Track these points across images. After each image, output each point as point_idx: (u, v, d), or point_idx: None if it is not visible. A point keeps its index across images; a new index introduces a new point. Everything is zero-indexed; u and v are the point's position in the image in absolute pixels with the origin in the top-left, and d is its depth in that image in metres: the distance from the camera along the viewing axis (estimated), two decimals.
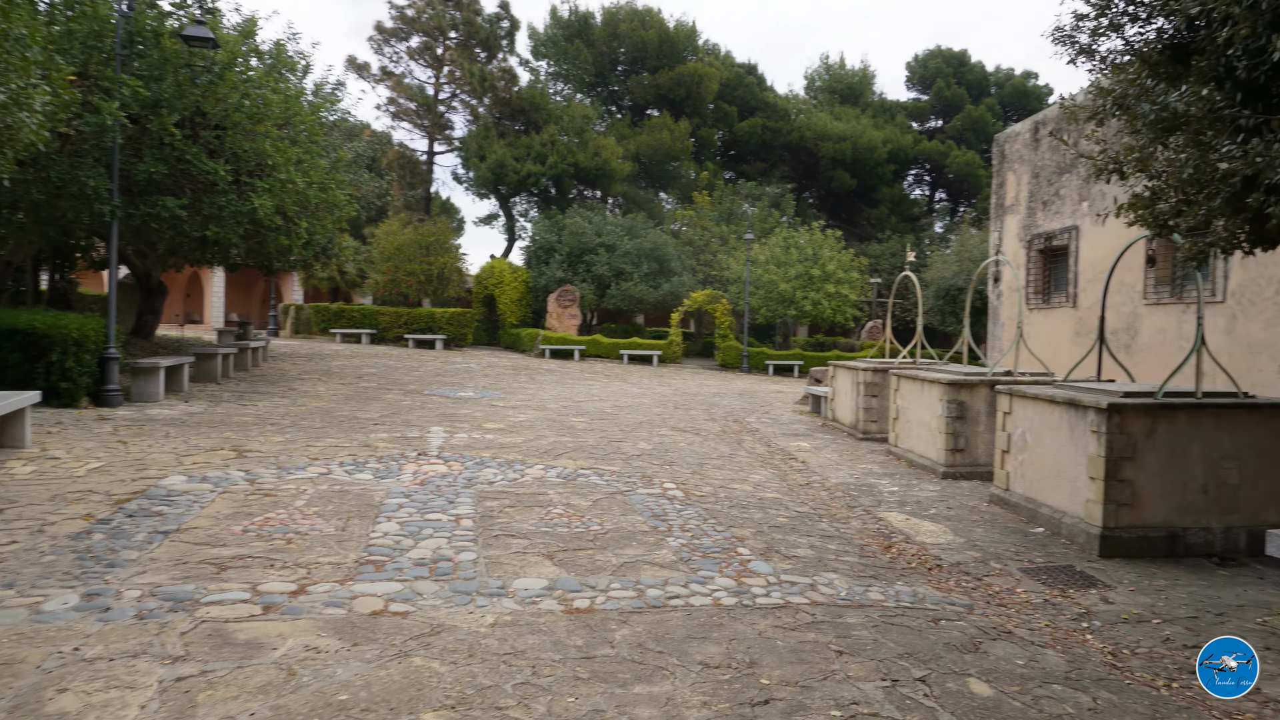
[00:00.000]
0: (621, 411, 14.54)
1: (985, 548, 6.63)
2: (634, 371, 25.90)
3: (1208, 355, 7.03)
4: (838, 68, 51.82)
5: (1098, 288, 15.05)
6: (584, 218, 33.77)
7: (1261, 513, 6.75)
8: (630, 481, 8.24)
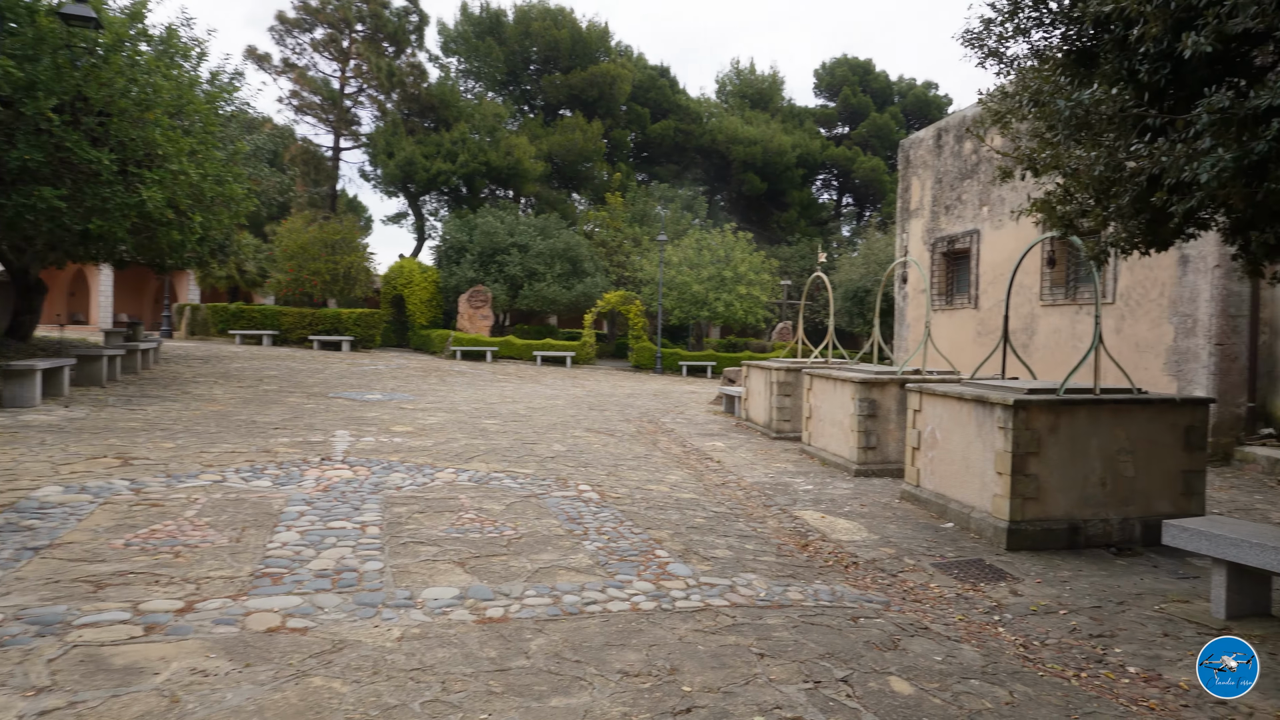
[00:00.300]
0: (535, 413, 14.30)
1: (899, 544, 6.70)
2: (547, 373, 25.62)
3: (1105, 354, 7.28)
4: (748, 73, 52.60)
5: (998, 289, 15.59)
6: (496, 217, 33.29)
7: (1154, 503, 7.02)
8: (545, 484, 8.05)
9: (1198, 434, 7.10)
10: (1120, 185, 3.63)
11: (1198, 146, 3.26)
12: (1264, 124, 3.35)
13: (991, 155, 15.75)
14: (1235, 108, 3.22)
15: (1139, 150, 3.46)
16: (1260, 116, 3.13)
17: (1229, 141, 3.17)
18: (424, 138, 35.72)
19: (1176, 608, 5.40)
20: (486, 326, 31.17)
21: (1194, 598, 5.62)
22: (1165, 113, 3.49)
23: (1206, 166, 3.11)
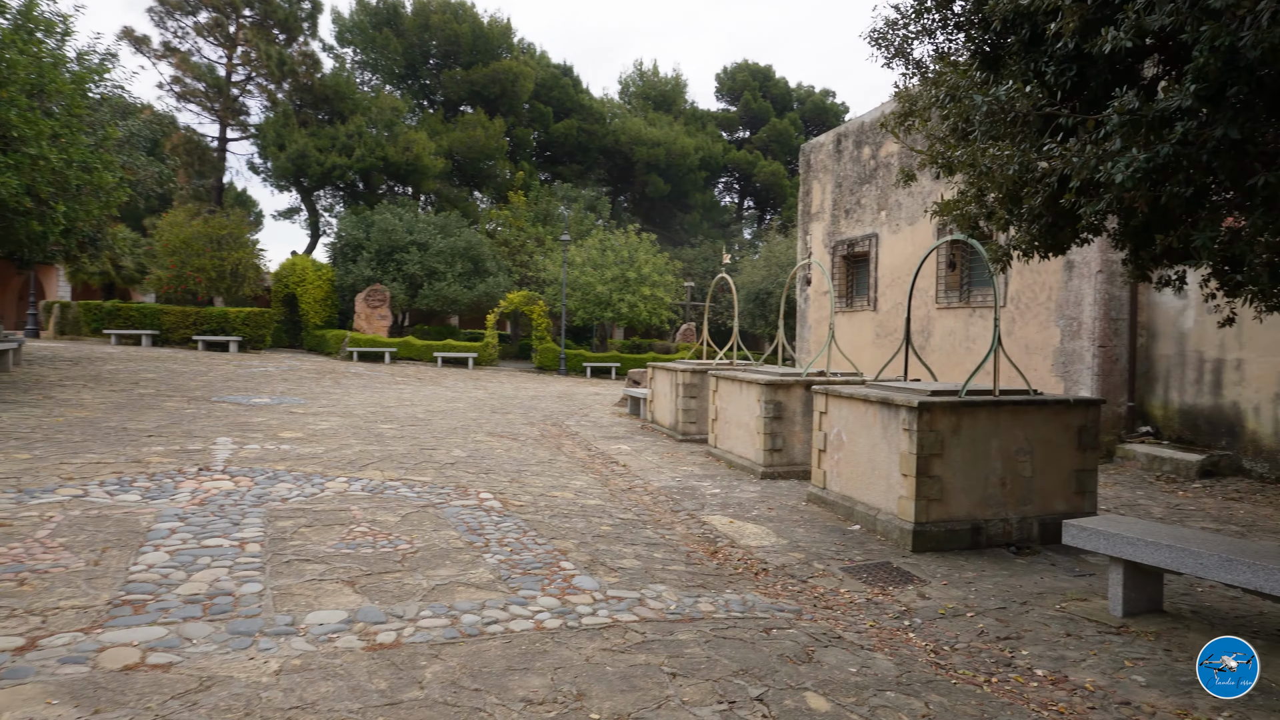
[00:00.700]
0: (434, 417, 13.79)
1: (808, 548, 6.63)
2: (448, 375, 24.95)
3: (1004, 356, 7.41)
4: (651, 75, 52.76)
5: (896, 291, 15.94)
6: (394, 214, 32.28)
7: (1050, 502, 7.18)
8: (444, 493, 7.67)
9: (1090, 434, 7.30)
10: (1031, 186, 3.60)
11: (1108, 147, 3.24)
12: (1169, 127, 3.35)
13: (890, 160, 16.10)
14: (1144, 109, 3.21)
15: (1051, 150, 3.42)
16: (1167, 119, 3.13)
17: (1138, 143, 3.16)
18: (318, 130, 34.33)
19: (1076, 606, 5.47)
20: (384, 327, 30.18)
21: (1091, 595, 5.72)
22: (1077, 112, 3.46)
23: (1121, 167, 3.09)
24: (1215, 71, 3.04)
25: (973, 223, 4.90)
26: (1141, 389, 11.69)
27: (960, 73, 3.68)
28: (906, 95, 6.74)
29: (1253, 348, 10.26)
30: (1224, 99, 3.09)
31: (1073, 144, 3.35)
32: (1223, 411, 10.62)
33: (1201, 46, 3.04)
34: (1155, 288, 6.32)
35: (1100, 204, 3.42)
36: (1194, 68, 3.06)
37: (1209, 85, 3.04)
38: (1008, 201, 3.84)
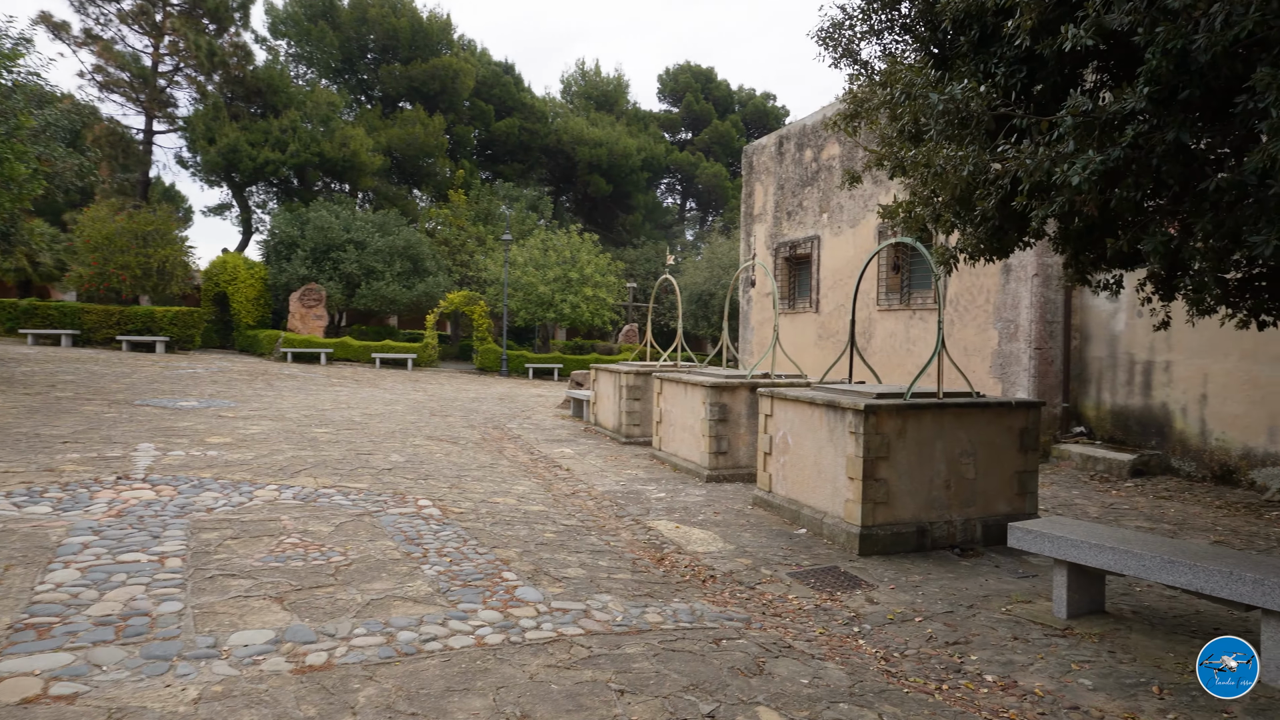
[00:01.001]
0: (372, 420, 13.41)
1: (755, 553, 6.54)
2: (386, 376, 24.39)
3: (947, 358, 7.43)
4: (594, 74, 52.53)
5: (838, 293, 16.05)
6: (331, 212, 31.49)
7: (993, 503, 7.23)
8: (380, 500, 7.39)
9: (1031, 435, 7.37)
10: (984, 188, 3.55)
11: (1061, 150, 3.20)
12: (1120, 130, 3.32)
13: (832, 163, 16.21)
14: (1097, 111, 3.17)
15: (1005, 151, 3.37)
16: (1120, 122, 3.10)
17: (1091, 145, 3.13)
18: (250, 124, 33.29)
19: (1022, 608, 5.48)
20: (320, 327, 29.41)
21: (1035, 597, 5.75)
22: (1031, 113, 3.42)
23: (1078, 169, 3.05)
24: (1167, 74, 3.02)
25: (921, 225, 4.86)
26: (1075, 390, 11.94)
27: (915, 70, 3.61)
28: (853, 96, 6.71)
29: (1181, 350, 10.54)
30: (1175, 102, 3.07)
31: (1026, 145, 3.31)
32: (1152, 412, 10.89)
33: (1154, 49, 3.02)
34: (1093, 291, 6.39)
35: (1052, 207, 3.39)
36: (1146, 70, 3.03)
37: (1161, 88, 3.02)
38: (959, 204, 3.79)
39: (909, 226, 5.00)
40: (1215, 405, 10.17)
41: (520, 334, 37.76)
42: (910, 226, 5.02)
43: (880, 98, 3.66)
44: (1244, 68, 2.90)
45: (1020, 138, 3.46)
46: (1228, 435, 10.02)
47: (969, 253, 5.21)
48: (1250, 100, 2.89)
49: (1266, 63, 2.75)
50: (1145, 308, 10.53)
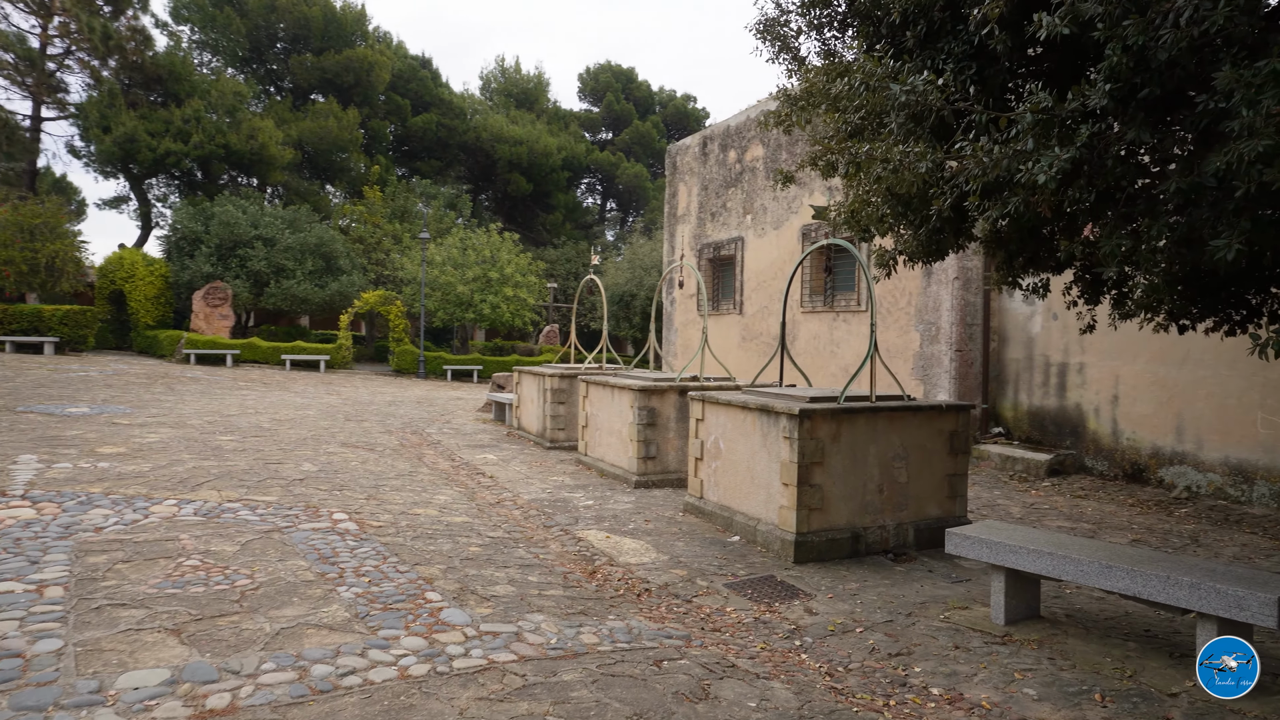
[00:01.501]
0: (282, 426, 12.74)
1: (689, 564, 6.34)
2: (298, 379, 23.43)
3: (880, 362, 7.39)
4: (513, 72, 51.88)
5: (761, 295, 16.07)
6: (237, 207, 30.14)
7: (925, 507, 7.21)
8: (291, 515, 6.91)
9: (961, 438, 7.39)
10: (939, 186, 3.43)
11: (1019, 147, 3.09)
12: (1076, 129, 3.23)
13: (756, 164, 16.20)
14: (1057, 109, 3.07)
15: (963, 149, 3.25)
16: (1084, 119, 3.00)
17: (1051, 144, 3.03)
18: (149, 113, 31.58)
19: (960, 615, 5.43)
20: (226, 327, 28.11)
21: (971, 602, 5.71)
22: (990, 109, 3.30)
23: (1044, 167, 2.94)
24: (1126, 71, 2.93)
25: (864, 226, 4.75)
26: (994, 391, 12.17)
27: (874, 61, 3.47)
28: (786, 95, 6.58)
29: (1093, 353, 10.83)
30: (1135, 100, 2.99)
31: (983, 143, 3.19)
32: (1067, 413, 11.16)
33: (1115, 44, 2.93)
34: (1024, 295, 6.41)
35: (1007, 207, 3.28)
36: (1106, 66, 2.94)
37: (1122, 85, 2.93)
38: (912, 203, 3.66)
39: (852, 228, 4.88)
40: (1126, 406, 10.47)
41: (438, 335, 36.92)
42: (853, 228, 4.91)
43: (838, 88, 3.50)
44: (1203, 66, 2.83)
45: (978, 135, 3.34)
46: (1138, 435, 10.32)
47: (909, 255, 5.12)
48: (1210, 100, 2.83)
49: (1226, 60, 2.69)
50: (1068, 311, 10.79)
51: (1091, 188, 3.20)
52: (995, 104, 3.41)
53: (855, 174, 3.73)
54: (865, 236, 5.02)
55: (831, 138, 3.70)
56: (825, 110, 4.09)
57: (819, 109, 4.38)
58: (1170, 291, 3.33)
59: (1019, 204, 3.24)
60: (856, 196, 4.63)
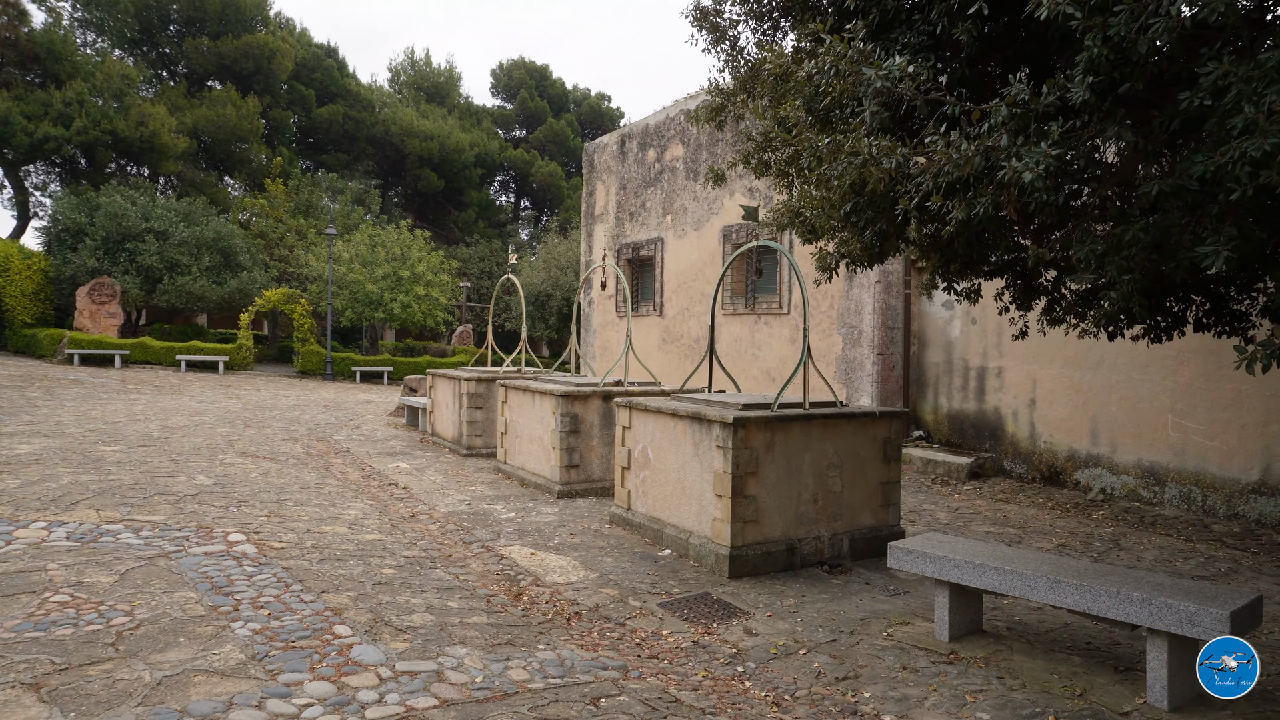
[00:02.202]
0: (174, 434, 11.83)
1: (620, 581, 5.99)
2: (194, 381, 22.10)
3: (813, 367, 7.19)
4: (424, 65, 50.58)
5: (682, 297, 15.85)
6: (126, 197, 28.32)
7: (859, 516, 7.04)
8: (181, 537, 6.26)
9: (894, 445, 7.26)
10: (905, 184, 3.18)
11: (994, 143, 2.86)
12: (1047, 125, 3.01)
13: (676, 164, 15.97)
14: (1033, 103, 2.85)
15: (934, 142, 3.00)
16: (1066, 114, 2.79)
17: (1029, 141, 2.81)
18: (25, 94, 29.40)
19: (903, 632, 5.24)
20: (115, 325, 26.35)
21: (913, 617, 5.53)
22: (964, 100, 3.07)
23: (1030, 164, 2.71)
24: (1106, 65, 2.73)
25: (810, 226, 4.49)
26: (914, 395, 12.22)
27: (844, 43, 3.19)
28: (717, 88, 6.30)
29: (1011, 357, 10.96)
30: (1115, 96, 2.80)
31: (954, 137, 2.95)
32: (986, 416, 11.28)
33: (1094, 36, 2.72)
34: (944, 299, 6.30)
35: (975, 208, 3.05)
36: (1085, 59, 2.74)
37: (1102, 79, 2.73)
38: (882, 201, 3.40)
39: (796, 229, 4.62)
40: (1043, 409, 10.62)
41: (346, 335, 35.58)
42: (798, 229, 4.65)
43: (806, 70, 3.21)
44: (1190, 60, 2.66)
45: (949, 129, 3.11)
46: (1054, 438, 10.48)
47: (852, 259, 4.89)
48: (1194, 96, 2.66)
49: (1221, 54, 2.51)
50: (987, 315, 10.87)
51: (1057, 190, 3.00)
52: (968, 95, 3.19)
53: (815, 168, 3.45)
54: (809, 238, 4.78)
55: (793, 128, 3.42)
56: (789, 97, 3.80)
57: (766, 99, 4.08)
58: (1140, 300, 3.16)
59: (987, 205, 3.02)
60: (802, 195, 4.37)
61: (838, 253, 4.94)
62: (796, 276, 6.91)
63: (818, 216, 4.24)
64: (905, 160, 3.02)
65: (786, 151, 4.15)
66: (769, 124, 4.83)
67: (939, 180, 3.11)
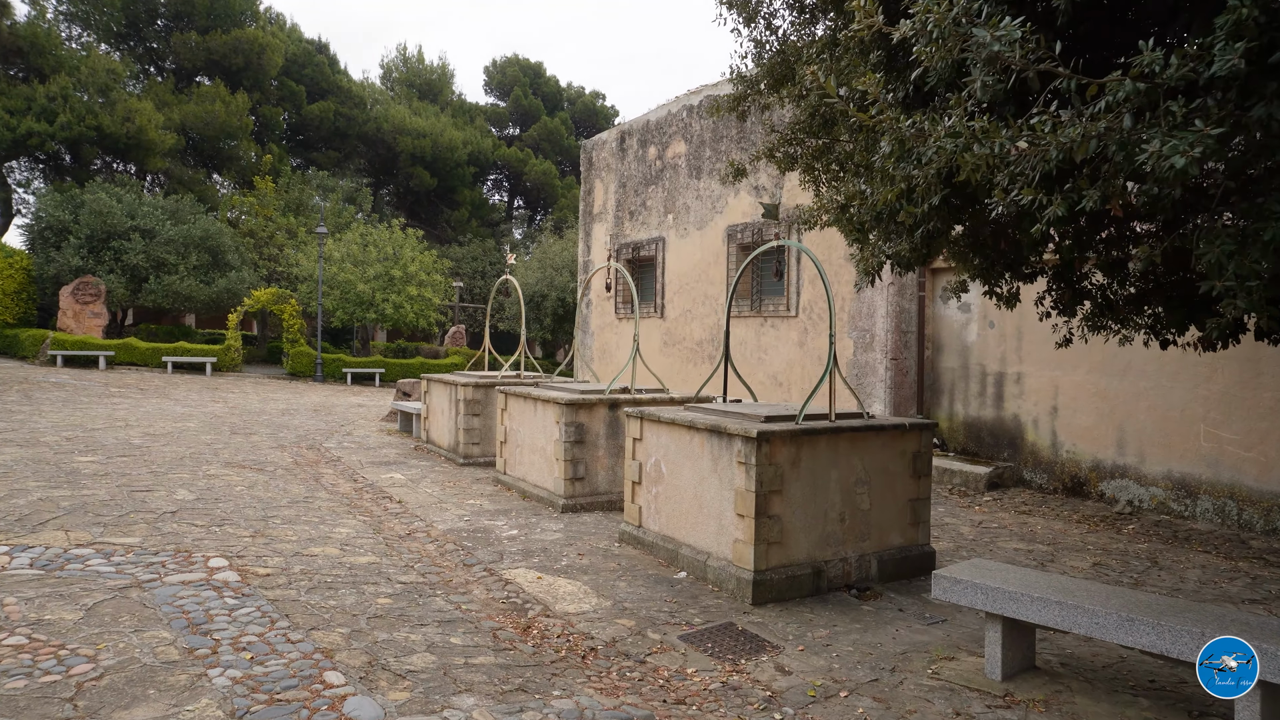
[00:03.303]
0: (156, 442, 11.29)
1: (636, 610, 5.52)
2: (180, 384, 21.52)
3: (839, 376, 6.73)
4: (416, 61, 49.97)
5: (684, 298, 15.38)
6: (112, 195, 27.67)
7: (887, 536, 6.59)
8: (157, 563, 5.75)
9: (924, 460, 6.80)
10: (1001, 171, 2.71)
11: (1116, 124, 2.40)
12: (1173, 101, 2.54)
13: (678, 161, 15.49)
14: (1161, 77, 2.39)
15: (1041, 124, 2.54)
16: (1211, 89, 2.34)
17: (1154, 119, 2.36)
18: (8, 88, 28.72)
19: (949, 669, 4.77)
20: (99, 326, 25.73)
21: (956, 651, 5.08)
22: (1079, 72, 2.60)
23: (1183, 147, 2.25)
24: (1255, 28, 2.28)
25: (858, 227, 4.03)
26: (929, 401, 11.78)
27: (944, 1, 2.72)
28: (740, 77, 5.84)
29: (1031, 362, 10.52)
30: (1267, 66, 2.35)
31: (1065, 117, 2.49)
32: (1005, 424, 10.84)
33: None
34: (998, 304, 5.85)
35: (1082, 202, 2.60)
36: (1229, 22, 2.29)
37: (1254, 45, 2.29)
38: (978, 191, 2.94)
39: (846, 229, 4.15)
40: (1066, 417, 10.19)
41: (337, 335, 34.98)
42: (847, 228, 4.18)
43: (901, 32, 2.73)
44: None
45: (1059, 107, 2.64)
46: (1078, 447, 10.05)
47: (899, 261, 4.42)
48: None
49: None
50: (1005, 319, 10.43)
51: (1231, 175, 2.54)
52: (1083, 68, 2.72)
53: (895, 153, 2.97)
54: (857, 238, 4.31)
55: (871, 104, 2.95)
56: (862, 69, 3.32)
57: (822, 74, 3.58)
58: (1272, 309, 2.70)
59: (1095, 198, 2.56)
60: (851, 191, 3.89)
61: (878, 254, 4.47)
62: (822, 278, 6.45)
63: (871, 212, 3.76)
64: (1010, 142, 2.56)
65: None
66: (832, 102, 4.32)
67: (1036, 169, 2.65)
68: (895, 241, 4.07)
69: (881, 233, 4.13)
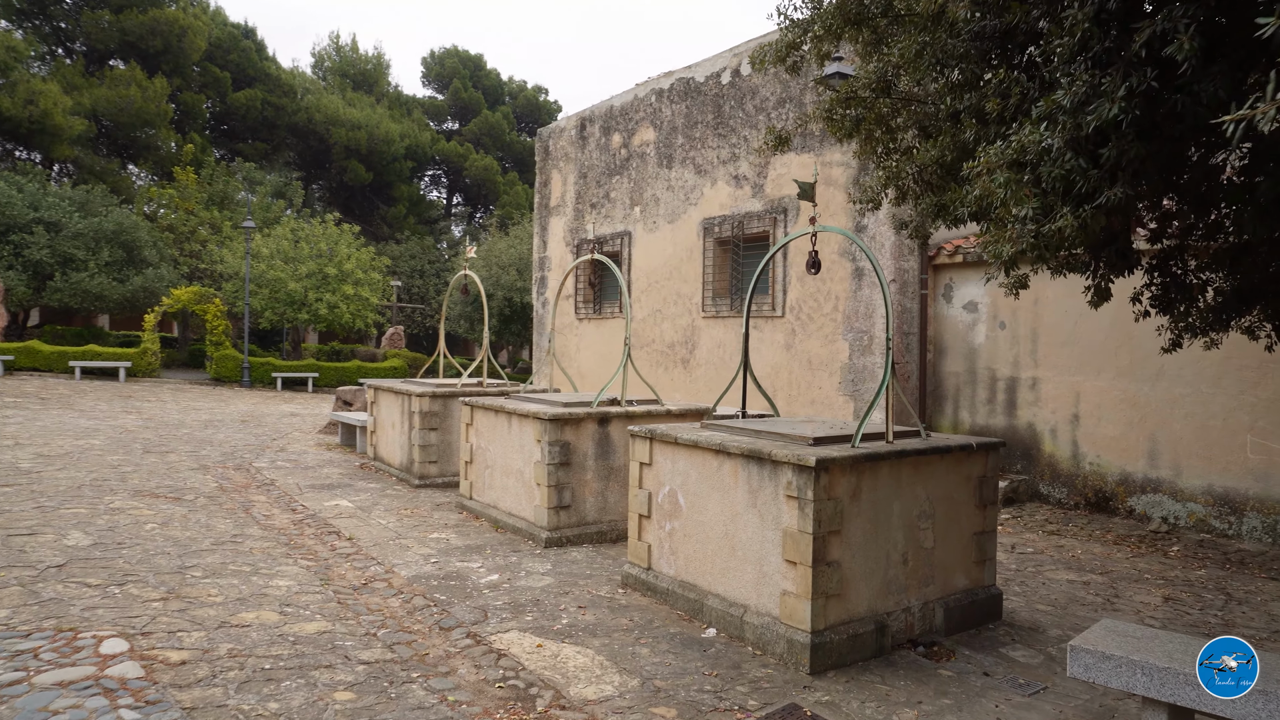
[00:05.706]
0: (51, 466, 9.62)
1: (672, 692, 4.29)
2: (89, 392, 19.46)
3: (895, 391, 5.62)
4: (350, 50, 47.80)
5: (653, 297, 14.19)
6: (11, 184, 25.25)
7: (952, 577, 5.51)
8: (25, 652, 4.29)
9: (990, 486, 5.74)
10: None
11: None
12: None
13: (646, 150, 14.28)
14: None
15: None
16: None
17: None
18: None
19: None
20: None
21: None
22: None
23: None
24: None
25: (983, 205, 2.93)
26: (931, 408, 10.82)
27: None
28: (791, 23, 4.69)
29: (1049, 366, 9.64)
30: None
31: None
32: (1018, 433, 9.93)
33: None
34: (1089, 302, 4.81)
35: None
36: None
37: None
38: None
39: (1019, 197, 3.00)
40: (1089, 426, 9.32)
41: (265, 337, 32.85)
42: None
43: None
44: None
45: None
46: (1103, 459, 9.18)
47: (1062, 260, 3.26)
48: None
49: None
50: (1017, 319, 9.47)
51: None
52: None
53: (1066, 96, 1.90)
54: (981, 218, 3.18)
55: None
56: None
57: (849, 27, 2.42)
58: None
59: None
60: (1025, 141, 2.74)
61: (1014, 255, 3.33)
62: (875, 269, 5.33)
63: (1062, 169, 2.64)
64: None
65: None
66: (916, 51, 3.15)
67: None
68: (1070, 228, 2.92)
69: (1032, 210, 2.99)
